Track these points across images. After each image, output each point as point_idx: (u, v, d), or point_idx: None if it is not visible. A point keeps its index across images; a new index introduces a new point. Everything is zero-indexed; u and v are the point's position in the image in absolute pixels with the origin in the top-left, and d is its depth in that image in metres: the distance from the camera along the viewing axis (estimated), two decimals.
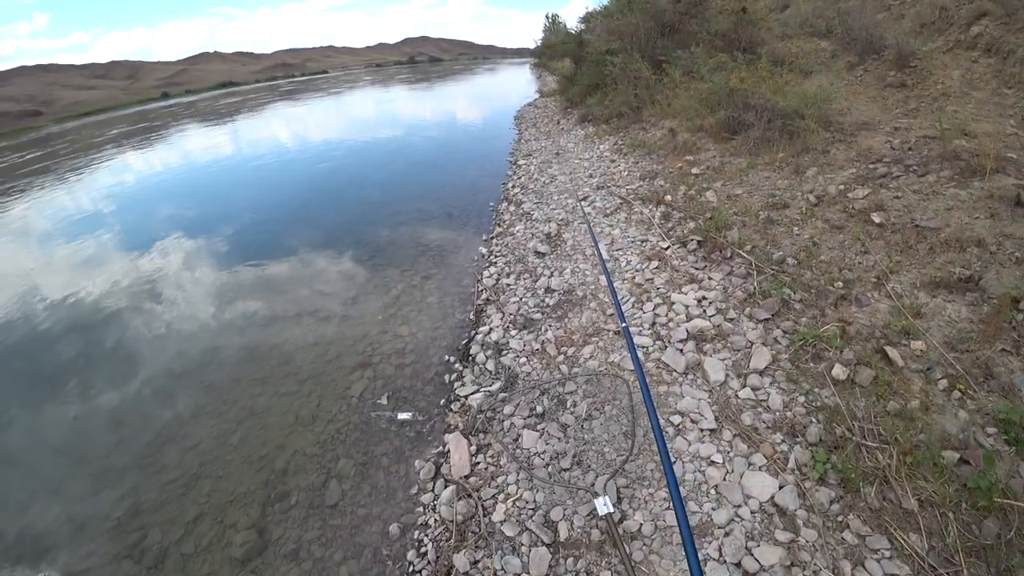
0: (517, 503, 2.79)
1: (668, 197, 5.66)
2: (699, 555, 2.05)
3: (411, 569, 2.67)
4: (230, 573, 2.88)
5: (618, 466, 2.82)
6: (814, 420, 2.57)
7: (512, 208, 7.37)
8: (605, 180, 7.19)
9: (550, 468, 2.91)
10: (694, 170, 6.13)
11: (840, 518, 2.22)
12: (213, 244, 7.79)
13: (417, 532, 2.84)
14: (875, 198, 4.14)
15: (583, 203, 6.58)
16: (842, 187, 4.45)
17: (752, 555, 2.18)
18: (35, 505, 3.41)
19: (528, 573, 2.45)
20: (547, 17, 16.17)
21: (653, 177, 6.53)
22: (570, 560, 2.48)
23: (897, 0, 8.43)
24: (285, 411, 3.91)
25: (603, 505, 2.37)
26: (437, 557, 2.64)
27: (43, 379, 4.80)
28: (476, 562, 2.57)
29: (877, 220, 3.87)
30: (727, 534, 2.28)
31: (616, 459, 2.85)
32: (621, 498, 2.63)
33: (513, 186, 8.52)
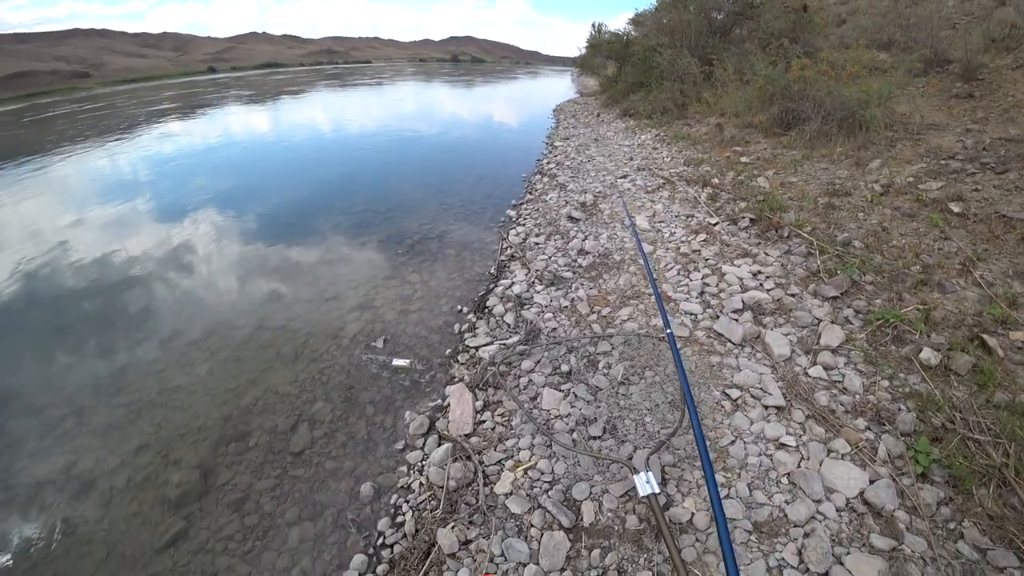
0: (529, 473, 2.16)
1: (715, 180, 5.30)
2: (773, 560, 1.63)
3: (380, 541, 2.06)
4: (158, 516, 2.33)
5: (663, 439, 2.20)
6: (903, 407, 2.16)
7: (545, 180, 6.85)
8: (647, 163, 6.70)
9: (575, 435, 2.30)
10: (743, 159, 5.79)
11: (952, 525, 1.74)
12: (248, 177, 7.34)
13: (395, 496, 2.24)
14: (951, 190, 3.86)
15: (622, 180, 6.05)
16: (911, 179, 4.22)
17: (843, 565, 1.64)
18: None
19: (537, 564, 1.83)
20: (593, 26, 15.70)
21: (698, 164, 6.08)
22: (596, 553, 1.86)
23: (965, 19, 7.86)
24: (266, 345, 3.35)
25: (645, 483, 1.83)
26: (416, 530, 2.02)
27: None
28: (467, 542, 1.95)
29: (956, 210, 3.58)
30: (807, 535, 1.75)
31: (660, 431, 2.27)
32: (666, 479, 2.04)
33: (548, 162, 8.02)
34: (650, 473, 1.91)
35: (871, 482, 1.87)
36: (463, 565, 1.87)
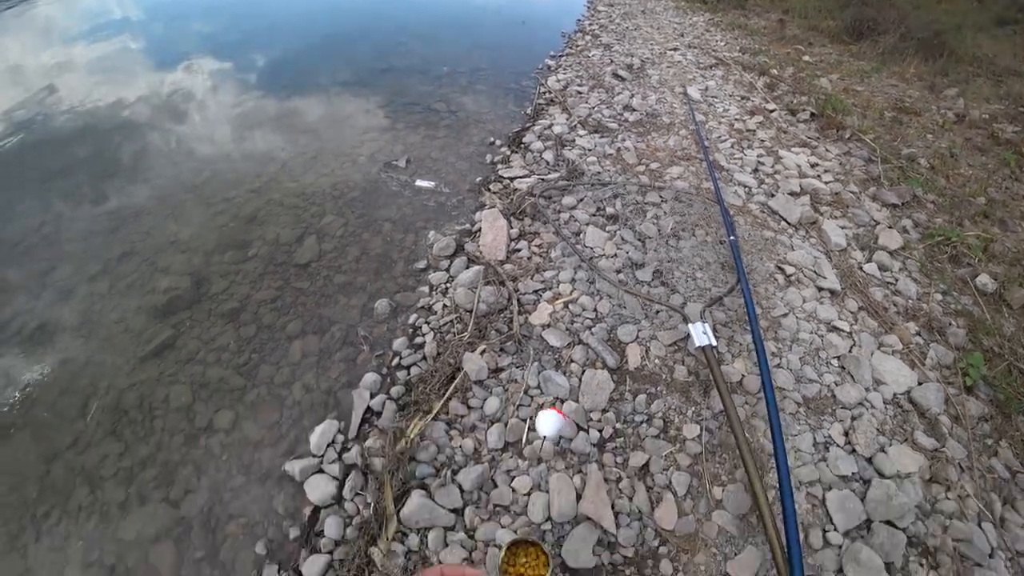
0: (570, 307, 1.90)
1: (774, 71, 4.83)
2: (820, 435, 1.58)
3: (396, 362, 1.80)
4: (143, 324, 2.07)
5: (718, 295, 1.99)
6: (953, 323, 2.10)
7: (588, 38, 6.07)
8: (698, 42, 5.95)
9: (622, 276, 2.04)
10: (806, 57, 5.38)
11: (989, 442, 1.72)
12: None
13: (415, 316, 1.97)
14: None
15: (672, 52, 5.36)
16: (986, 116, 4.09)
17: (886, 453, 1.55)
18: None
19: (577, 401, 1.61)
20: None
21: (756, 53, 5.45)
22: (641, 398, 1.65)
23: None
24: (269, 158, 2.94)
25: (701, 334, 1.66)
26: (439, 353, 1.75)
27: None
28: (498, 370, 1.70)
29: None
30: (855, 419, 1.66)
31: (711, 289, 2.07)
32: (717, 338, 1.81)
33: (591, 23, 7.10)
34: (707, 324, 1.71)
35: (919, 383, 1.80)
36: (491, 394, 1.61)
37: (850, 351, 1.89)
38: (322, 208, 2.51)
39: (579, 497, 1.42)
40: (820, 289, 2.14)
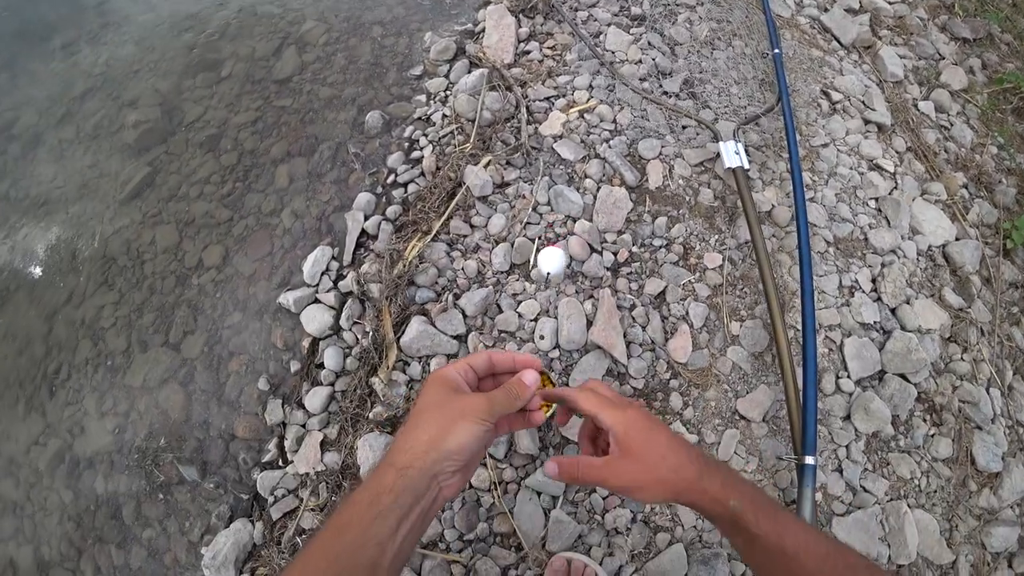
0: (586, 117, 1.64)
1: None
2: (847, 279, 1.48)
3: (391, 179, 1.60)
4: (117, 165, 1.90)
5: (755, 114, 1.73)
6: (1004, 181, 1.94)
7: None
8: None
9: (646, 85, 1.74)
10: None
11: (1015, 310, 1.65)
12: None
13: (411, 128, 1.73)
14: None
15: None
16: None
17: (911, 306, 1.46)
18: None
19: (591, 220, 1.42)
20: None
21: None
22: (661, 221, 1.46)
23: None
24: None
25: (732, 154, 1.44)
26: (438, 168, 1.53)
27: None
28: (503, 185, 1.49)
29: None
30: (884, 266, 1.51)
31: (747, 107, 1.80)
32: (750, 162, 1.58)
33: None
34: (740, 144, 1.48)
35: (957, 238, 1.69)
36: (496, 211, 1.40)
37: (890, 193, 1.71)
38: (301, 14, 2.16)
39: (589, 324, 1.29)
40: (867, 122, 1.90)
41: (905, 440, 1.33)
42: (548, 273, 1.27)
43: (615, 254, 1.39)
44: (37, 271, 1.85)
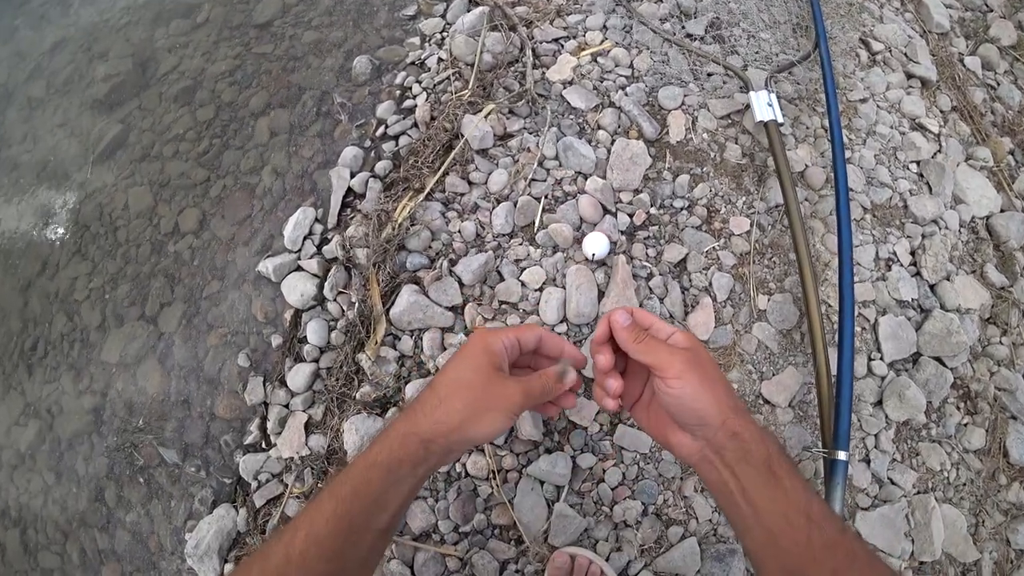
0: (599, 61, 1.45)
1: None
2: (884, 250, 1.32)
3: (381, 132, 1.46)
4: (88, 122, 1.76)
5: (789, 62, 1.54)
6: None
7: None
8: None
9: (668, 26, 1.56)
10: None
11: None
12: None
13: (402, 75, 1.56)
14: None
15: None
16: None
17: (951, 282, 1.30)
18: None
19: (604, 177, 1.26)
20: None
21: None
22: (683, 179, 1.30)
23: None
24: None
25: (764, 105, 1.26)
26: (432, 118, 1.36)
27: None
28: (507, 136, 1.33)
29: None
30: (925, 237, 1.37)
31: (778, 55, 1.60)
32: (784, 115, 1.38)
33: None
34: (773, 95, 1.29)
35: (1002, 210, 1.53)
36: (498, 166, 1.24)
37: (933, 157, 1.52)
38: None
39: (601, 295, 1.14)
40: (910, 76, 1.71)
41: (937, 429, 1.22)
42: (594, 255, 1.13)
43: (631, 216, 1.23)
44: (9, 241, 1.74)
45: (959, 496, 1.21)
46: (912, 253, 1.36)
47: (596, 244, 1.11)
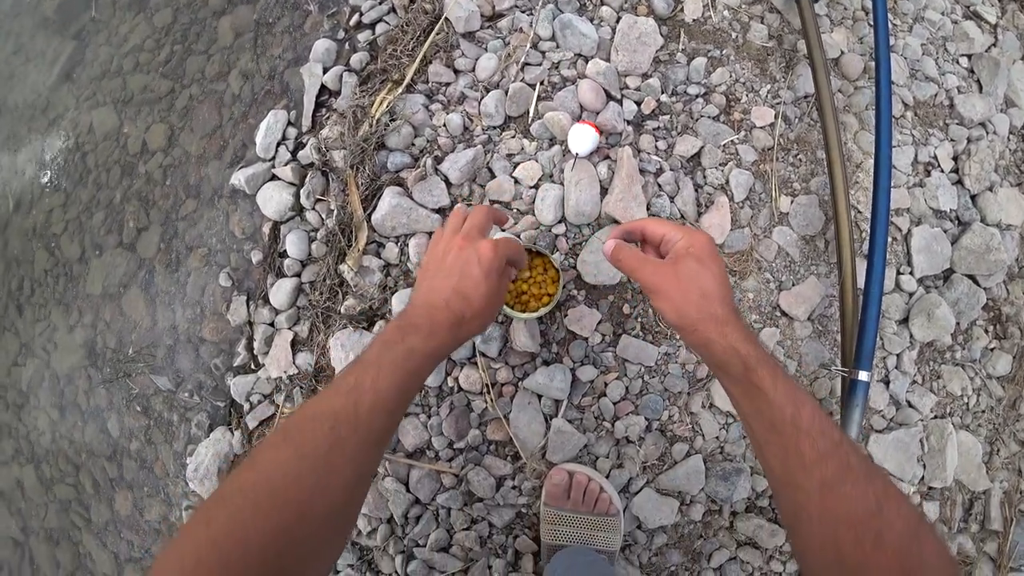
0: None
1: None
2: (924, 153, 1.17)
3: (355, 20, 1.28)
4: (42, 44, 1.65)
5: None
6: None
7: None
8: None
9: None
10: None
11: None
12: None
13: None
14: None
15: None
16: None
17: (994, 194, 1.19)
18: None
19: (608, 61, 1.09)
20: None
21: None
22: (699, 63, 1.13)
23: None
24: None
25: None
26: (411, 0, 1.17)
27: None
28: (496, 16, 1.17)
29: None
30: (970, 141, 1.20)
31: None
32: None
33: None
34: None
35: None
36: (487, 50, 1.09)
37: (988, 51, 1.34)
38: None
39: (604, 192, 1.02)
40: None
41: (962, 352, 1.15)
42: (577, 154, 0.98)
43: (638, 104, 1.08)
44: None
45: (977, 423, 1.16)
46: (955, 159, 1.22)
47: (580, 139, 0.96)
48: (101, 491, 1.43)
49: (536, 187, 1.03)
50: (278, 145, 1.18)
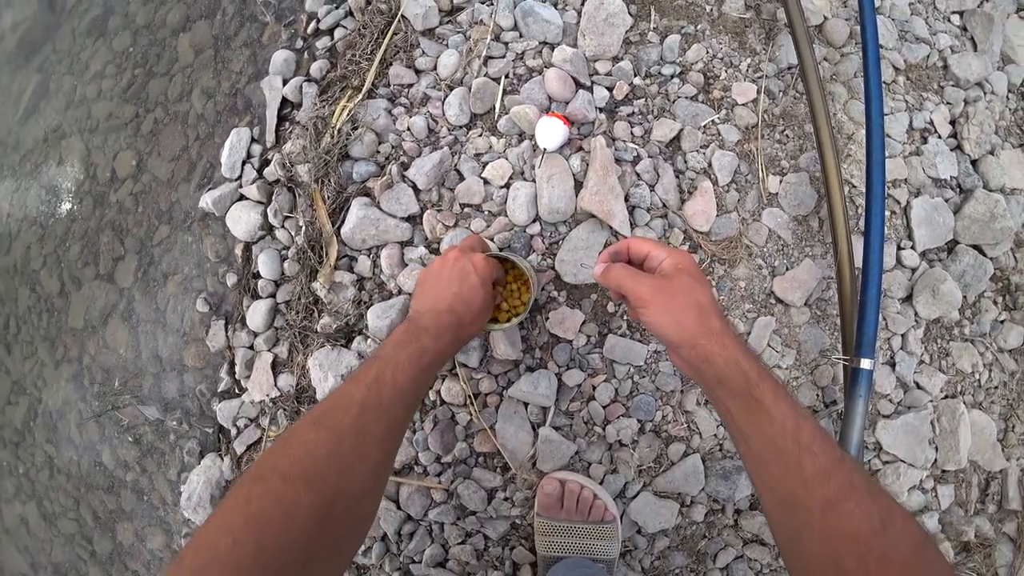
0: None
1: None
2: (919, 119, 1.11)
3: (312, 27, 1.25)
4: (6, 80, 1.67)
5: None
6: None
7: None
8: None
9: None
10: None
11: None
12: None
13: None
14: None
15: None
16: None
17: (996, 157, 1.13)
18: None
19: (575, 46, 1.04)
20: None
21: None
22: (672, 41, 1.07)
23: None
24: None
25: None
26: (367, 1, 1.13)
27: None
28: (455, 10, 1.12)
29: None
30: (968, 103, 1.15)
31: None
32: None
33: None
34: None
35: None
36: (447, 46, 1.05)
37: (980, 6, 1.27)
38: None
39: (579, 186, 0.97)
40: None
41: (971, 327, 1.10)
42: (546, 149, 0.94)
43: (610, 89, 1.03)
44: None
45: (990, 400, 1.10)
46: (952, 123, 1.16)
47: (548, 133, 0.92)
48: (102, 523, 1.43)
49: (507, 186, 0.99)
50: (243, 164, 1.14)
